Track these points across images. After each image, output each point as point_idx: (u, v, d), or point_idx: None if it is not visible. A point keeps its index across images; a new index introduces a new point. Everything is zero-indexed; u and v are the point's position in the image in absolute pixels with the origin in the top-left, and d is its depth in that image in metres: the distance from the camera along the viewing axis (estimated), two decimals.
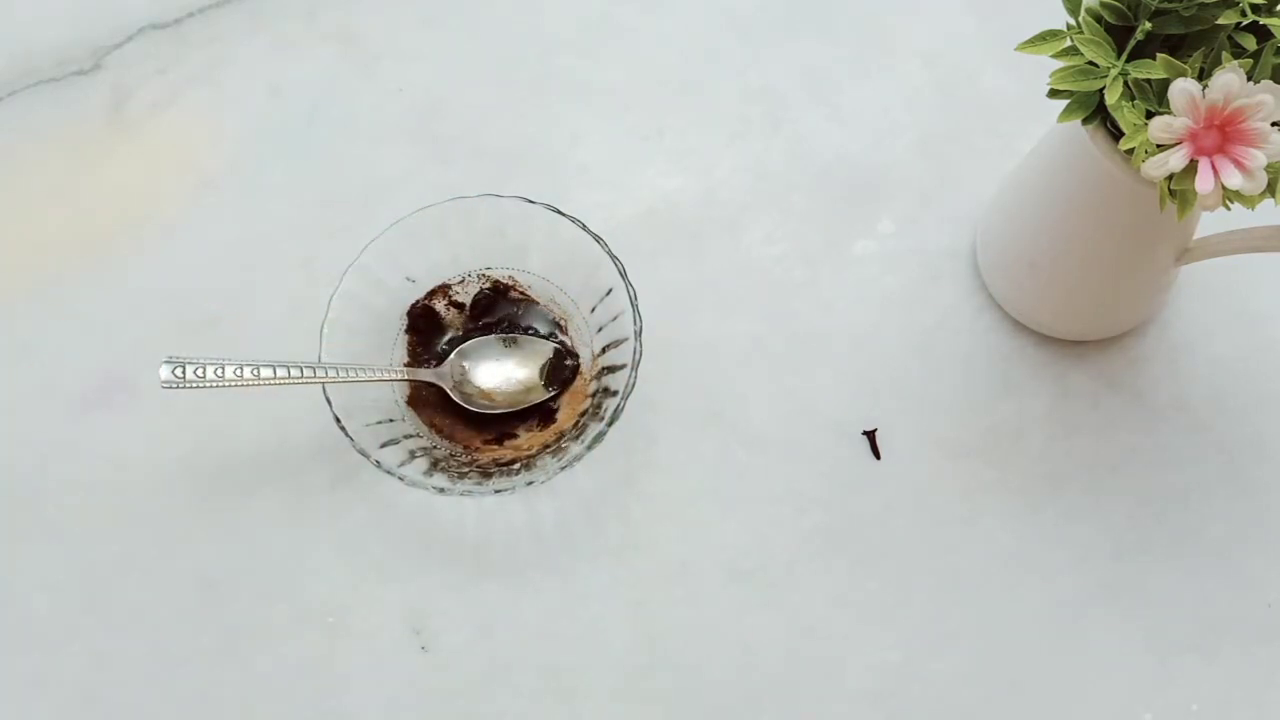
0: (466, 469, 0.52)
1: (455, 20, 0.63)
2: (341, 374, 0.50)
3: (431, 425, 0.54)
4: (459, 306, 0.56)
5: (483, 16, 0.63)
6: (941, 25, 0.62)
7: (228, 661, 0.52)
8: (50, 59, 0.61)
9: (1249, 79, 0.38)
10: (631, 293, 0.51)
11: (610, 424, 0.49)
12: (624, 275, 0.51)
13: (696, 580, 0.53)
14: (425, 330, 0.55)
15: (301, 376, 0.49)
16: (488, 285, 0.56)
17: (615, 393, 0.51)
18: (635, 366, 0.50)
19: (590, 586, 0.53)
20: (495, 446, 0.54)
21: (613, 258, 0.52)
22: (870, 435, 0.55)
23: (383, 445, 0.50)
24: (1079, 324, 0.55)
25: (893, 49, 0.62)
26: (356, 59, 0.62)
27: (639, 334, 0.51)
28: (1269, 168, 0.38)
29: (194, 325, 0.57)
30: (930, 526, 0.54)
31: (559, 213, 0.52)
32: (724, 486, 0.54)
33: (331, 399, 0.49)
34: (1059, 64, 0.41)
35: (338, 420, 0.49)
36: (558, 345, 0.55)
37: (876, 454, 0.55)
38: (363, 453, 0.49)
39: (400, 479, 0.49)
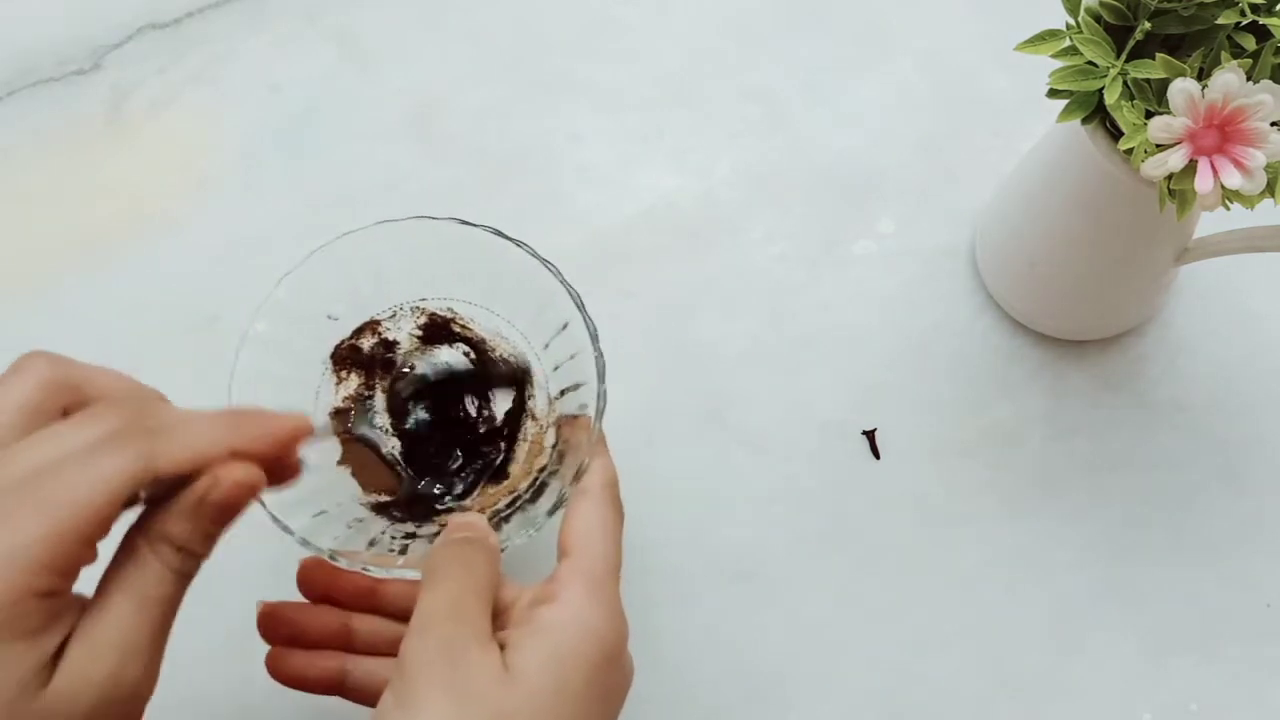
0: (409, 541, 0.46)
1: (455, 20, 0.63)
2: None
3: (365, 483, 0.48)
4: (389, 345, 0.50)
5: (483, 17, 0.63)
6: (941, 25, 0.62)
7: (228, 661, 0.52)
8: (50, 58, 0.61)
9: (1248, 79, 0.38)
10: (591, 328, 0.44)
11: (576, 480, 0.43)
12: (581, 307, 0.45)
13: (696, 580, 0.53)
14: (355, 373, 0.50)
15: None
16: (423, 320, 0.50)
17: (578, 446, 0.44)
18: (600, 414, 0.43)
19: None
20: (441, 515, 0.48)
21: (567, 286, 0.45)
22: (870, 435, 0.55)
23: (313, 516, 0.44)
24: (1078, 324, 0.55)
25: (892, 49, 0.62)
26: (356, 59, 0.62)
27: (602, 374, 0.44)
28: (1268, 167, 0.38)
29: (194, 325, 0.57)
30: (930, 526, 0.54)
31: (503, 236, 0.46)
32: (724, 486, 0.54)
33: None
34: (1058, 64, 0.41)
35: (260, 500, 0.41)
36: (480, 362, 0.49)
37: (876, 454, 0.55)
38: (284, 527, 0.43)
39: (333, 559, 0.43)
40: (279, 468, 0.37)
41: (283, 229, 0.59)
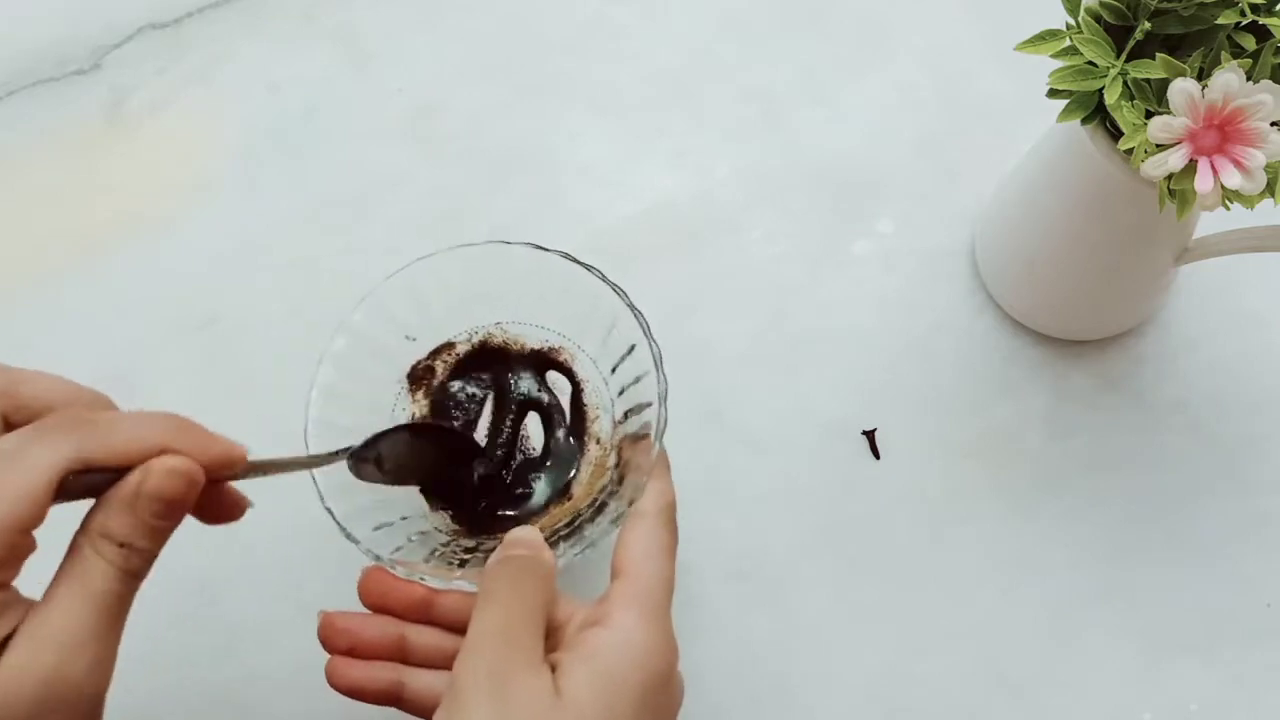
0: (469, 555, 0.47)
1: (455, 20, 0.63)
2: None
3: (432, 500, 0.50)
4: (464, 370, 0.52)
5: (482, 17, 0.63)
6: (940, 24, 0.62)
7: (228, 661, 0.52)
8: (49, 59, 0.61)
9: (1248, 79, 0.38)
10: (656, 351, 0.45)
11: (632, 502, 0.43)
12: (647, 332, 0.46)
13: (696, 580, 0.53)
14: (427, 390, 0.51)
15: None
16: (498, 342, 0.51)
17: (638, 467, 0.45)
18: (660, 435, 0.44)
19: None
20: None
21: (634, 310, 0.46)
22: (870, 435, 0.55)
23: (376, 528, 0.45)
24: (1078, 324, 0.55)
25: (891, 48, 0.62)
26: (355, 59, 0.62)
27: (664, 397, 0.45)
28: (1268, 167, 0.38)
29: (193, 325, 0.57)
30: (929, 526, 0.54)
31: (574, 261, 0.46)
32: (724, 486, 0.54)
33: (318, 477, 0.44)
34: (1058, 64, 0.41)
35: (327, 508, 0.44)
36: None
37: (876, 454, 0.55)
38: (350, 536, 0.44)
39: (391, 567, 0.44)
40: (218, 505, 0.38)
41: (282, 229, 0.59)
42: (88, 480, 0.35)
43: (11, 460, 0.33)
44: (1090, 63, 0.40)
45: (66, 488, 0.34)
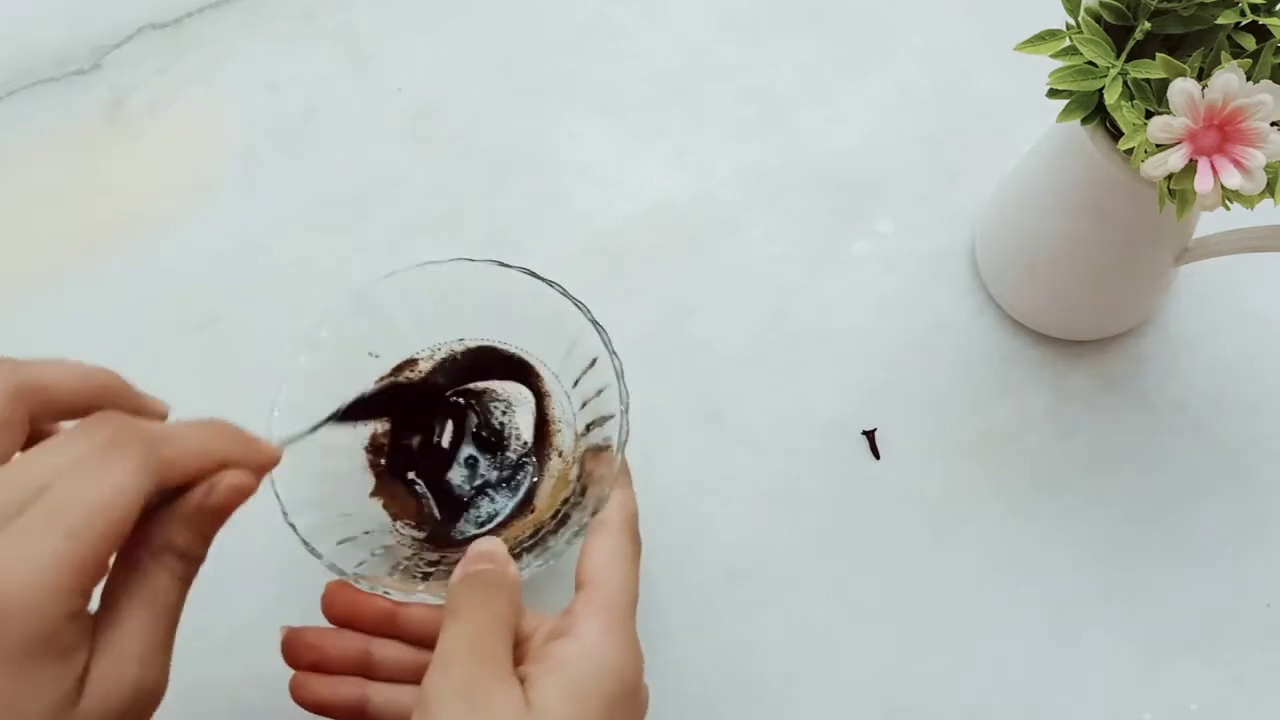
0: (432, 568, 0.46)
1: (455, 20, 0.63)
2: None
3: (396, 514, 0.49)
4: (425, 385, 0.51)
5: (482, 17, 0.63)
6: (940, 24, 0.62)
7: (228, 661, 0.52)
8: (50, 58, 0.61)
9: (1248, 79, 0.38)
10: (617, 365, 0.46)
11: (594, 514, 0.43)
12: (608, 345, 0.46)
13: (696, 580, 0.53)
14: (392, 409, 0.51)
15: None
16: (459, 356, 0.52)
17: (601, 478, 0.45)
18: (622, 447, 0.44)
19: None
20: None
21: (596, 326, 0.46)
22: (870, 435, 0.55)
23: (340, 542, 0.45)
24: (1078, 324, 0.55)
25: (891, 48, 0.62)
26: (355, 59, 0.62)
27: (626, 410, 0.45)
28: (1268, 167, 0.38)
29: (193, 325, 0.57)
30: (929, 526, 0.54)
31: (536, 276, 0.47)
32: (724, 486, 0.54)
33: (281, 494, 0.44)
34: (1058, 64, 0.41)
35: (290, 523, 0.44)
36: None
37: (876, 454, 0.55)
38: (313, 551, 0.44)
39: (356, 581, 0.44)
40: None
41: (282, 229, 0.59)
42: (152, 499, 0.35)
43: (94, 482, 0.32)
44: (1090, 63, 0.40)
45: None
